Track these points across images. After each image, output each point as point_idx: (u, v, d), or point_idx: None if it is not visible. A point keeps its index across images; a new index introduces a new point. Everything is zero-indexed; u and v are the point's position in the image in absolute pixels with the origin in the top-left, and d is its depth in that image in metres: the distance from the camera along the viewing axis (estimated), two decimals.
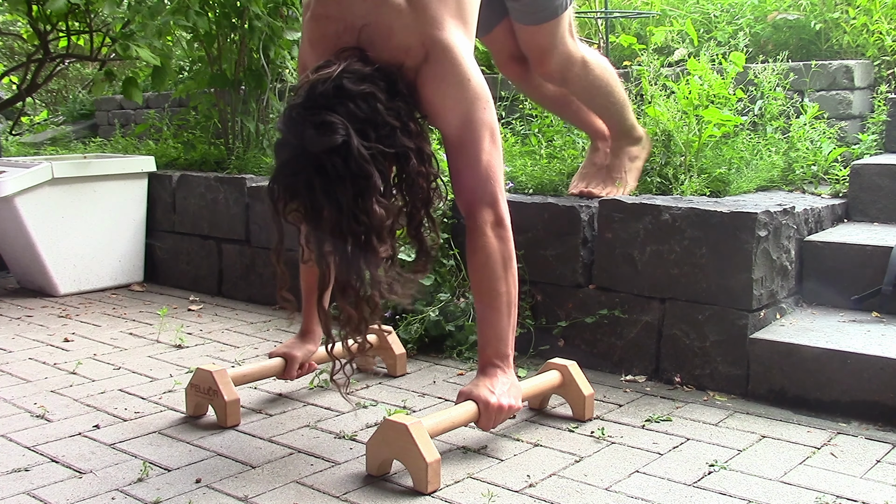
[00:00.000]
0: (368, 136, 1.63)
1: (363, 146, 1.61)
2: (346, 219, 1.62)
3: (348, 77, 1.66)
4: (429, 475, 1.65)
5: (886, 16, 3.30)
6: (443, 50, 1.77)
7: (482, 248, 1.83)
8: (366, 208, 1.62)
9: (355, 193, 1.61)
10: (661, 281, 2.29)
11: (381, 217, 1.64)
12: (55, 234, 3.43)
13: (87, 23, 3.81)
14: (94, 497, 1.66)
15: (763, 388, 2.14)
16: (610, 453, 1.85)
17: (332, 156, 1.59)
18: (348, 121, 1.61)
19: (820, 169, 2.89)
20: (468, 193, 1.84)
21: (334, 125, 1.59)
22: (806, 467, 1.76)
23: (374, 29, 1.78)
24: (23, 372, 2.47)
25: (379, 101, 1.66)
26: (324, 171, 1.60)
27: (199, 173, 3.64)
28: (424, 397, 2.21)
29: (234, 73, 3.69)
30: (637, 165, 2.65)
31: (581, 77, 2.47)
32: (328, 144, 1.59)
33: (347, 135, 1.59)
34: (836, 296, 2.38)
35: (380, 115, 1.65)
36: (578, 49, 2.44)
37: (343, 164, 1.59)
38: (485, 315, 1.87)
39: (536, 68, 2.45)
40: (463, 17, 1.84)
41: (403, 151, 1.70)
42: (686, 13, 3.82)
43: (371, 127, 1.64)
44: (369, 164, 1.61)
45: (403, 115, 1.71)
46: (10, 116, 5.95)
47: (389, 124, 1.67)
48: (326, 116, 1.60)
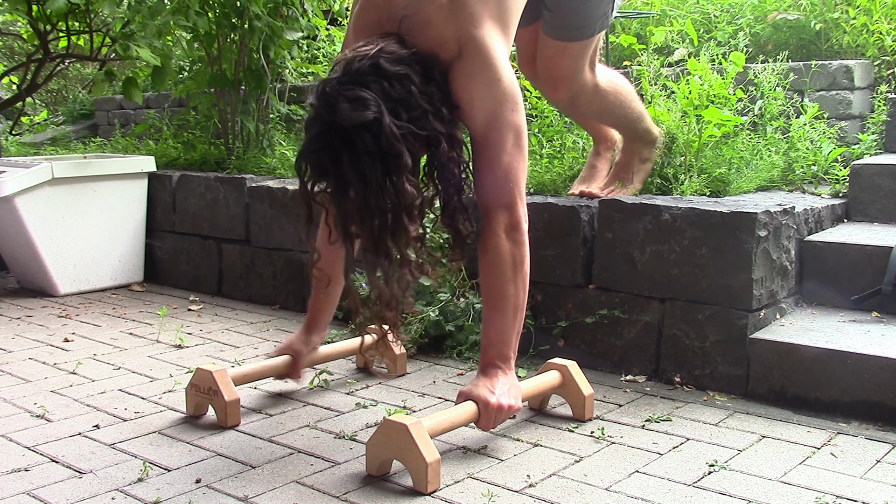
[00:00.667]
0: (400, 116, 1.64)
1: (395, 124, 1.62)
2: (373, 195, 1.62)
3: (385, 57, 1.67)
4: (429, 475, 1.65)
5: (886, 16, 3.30)
6: (476, 47, 1.78)
7: (493, 249, 1.83)
8: (396, 185, 1.63)
9: (384, 170, 1.62)
10: (661, 281, 2.29)
11: (411, 194, 1.65)
12: (55, 234, 3.43)
13: (87, 23, 3.81)
14: (94, 497, 1.66)
15: (763, 388, 2.14)
16: (610, 453, 1.85)
17: (362, 131, 1.60)
18: (382, 99, 1.62)
19: (820, 169, 2.89)
20: (486, 193, 1.84)
21: (367, 101, 1.61)
22: (806, 467, 1.76)
23: (413, 20, 1.79)
24: (23, 372, 2.47)
25: (413, 84, 1.68)
26: (353, 146, 1.61)
27: (199, 173, 3.64)
28: (424, 397, 2.22)
29: (234, 73, 3.69)
30: (646, 168, 2.64)
31: (591, 102, 2.45)
32: (360, 119, 1.60)
33: (380, 112, 1.61)
34: (836, 296, 2.39)
35: (413, 96, 1.67)
36: (594, 76, 2.41)
37: (373, 141, 1.60)
38: (490, 316, 1.87)
39: (548, 91, 2.44)
40: (502, 19, 1.84)
41: (434, 135, 1.71)
42: (686, 13, 3.82)
43: (403, 107, 1.65)
44: (399, 142, 1.62)
45: (436, 100, 1.72)
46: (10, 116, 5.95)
47: (422, 107, 1.68)
48: (360, 92, 1.62)
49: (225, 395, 2.01)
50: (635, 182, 2.62)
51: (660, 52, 3.56)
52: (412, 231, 1.69)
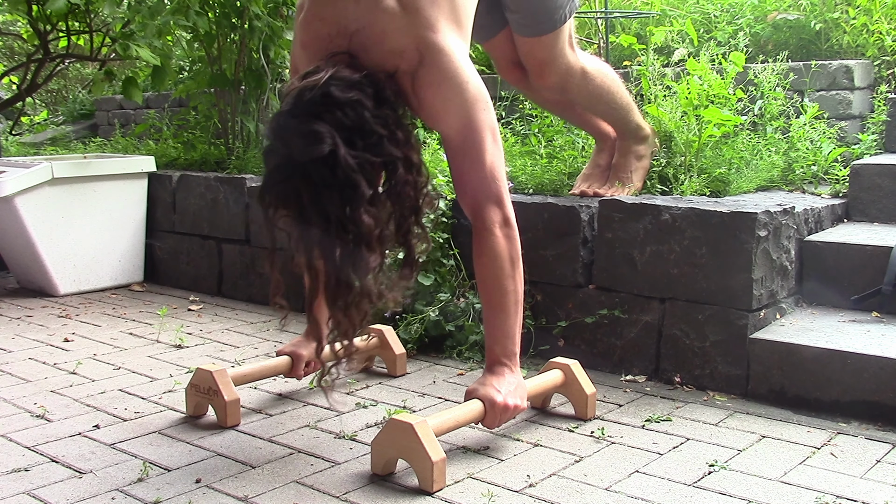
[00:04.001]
0: (355, 145, 1.61)
1: (350, 155, 1.59)
2: (333, 228, 1.61)
3: (336, 84, 1.64)
4: (434, 474, 1.65)
5: (886, 16, 3.30)
6: (438, 53, 1.76)
7: (491, 247, 1.84)
8: (354, 217, 1.61)
9: (343, 202, 1.60)
10: (661, 281, 2.29)
11: (369, 226, 1.63)
12: (55, 234, 3.43)
13: (87, 23, 3.81)
14: (94, 497, 1.66)
15: (763, 388, 2.14)
16: (610, 453, 1.85)
17: (319, 165, 1.58)
18: (335, 129, 1.59)
19: (820, 169, 2.89)
20: (474, 194, 1.84)
21: (321, 134, 1.58)
22: (806, 467, 1.76)
23: (366, 34, 1.77)
24: (23, 372, 2.47)
25: (366, 109, 1.64)
26: (311, 181, 1.59)
27: (199, 173, 3.64)
28: (424, 397, 2.21)
29: (234, 73, 3.69)
30: (644, 164, 2.64)
31: (580, 87, 2.45)
32: (315, 154, 1.57)
33: (334, 144, 1.58)
34: (836, 296, 2.38)
35: (367, 123, 1.64)
36: (578, 60, 2.41)
37: (330, 174, 1.58)
38: (492, 314, 1.88)
39: (535, 80, 2.43)
40: (457, 20, 1.82)
41: (391, 160, 1.68)
42: (686, 13, 3.82)
43: (358, 135, 1.62)
44: (356, 173, 1.60)
45: (391, 124, 1.69)
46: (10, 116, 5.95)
47: (377, 132, 1.65)
48: (313, 125, 1.59)
49: (225, 395, 2.01)
50: (635, 181, 2.62)
51: (660, 52, 3.56)
52: (372, 262, 1.67)
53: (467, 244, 2.63)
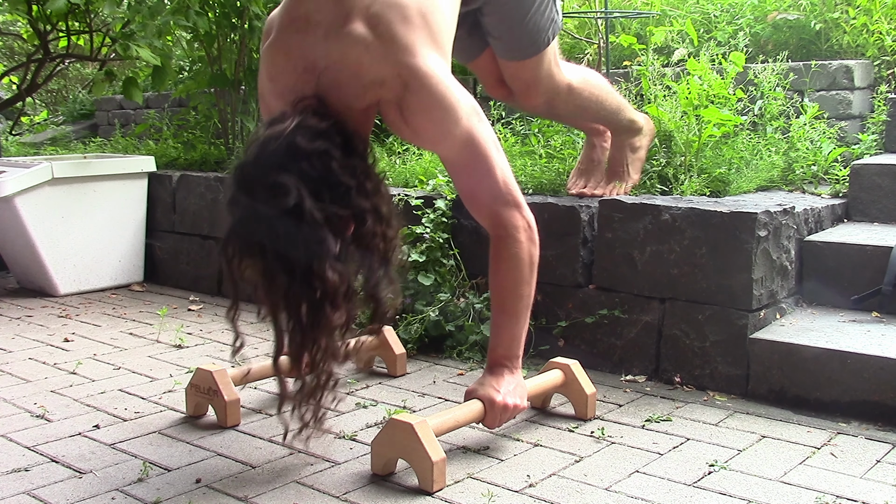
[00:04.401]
0: (322, 197, 1.54)
1: (316, 208, 1.53)
2: (298, 284, 1.55)
3: (302, 133, 1.56)
4: (434, 474, 1.65)
5: (886, 16, 3.30)
6: (422, 76, 1.68)
7: (514, 253, 1.82)
8: (319, 273, 1.54)
9: (308, 258, 1.54)
10: (661, 281, 2.28)
11: (334, 283, 1.56)
12: (55, 234, 3.43)
13: (87, 23, 3.81)
14: (94, 497, 1.66)
15: (763, 388, 2.14)
16: (610, 453, 1.85)
17: (284, 218, 1.52)
18: (301, 181, 1.52)
19: (820, 169, 2.89)
20: (491, 204, 1.81)
21: (286, 186, 1.51)
22: (806, 467, 1.76)
23: (338, 69, 1.68)
24: (23, 372, 2.47)
25: (333, 160, 1.57)
26: (276, 235, 1.53)
27: (199, 173, 3.64)
28: (424, 397, 2.21)
29: (234, 73, 3.69)
30: (639, 156, 2.62)
31: (567, 103, 2.41)
32: (280, 207, 1.51)
33: (300, 197, 1.51)
34: (836, 296, 2.38)
35: (334, 174, 1.57)
36: (564, 77, 2.34)
37: (295, 228, 1.52)
38: (503, 318, 1.87)
39: (522, 100, 2.38)
40: (435, 39, 1.74)
41: (359, 212, 1.62)
42: (686, 13, 3.81)
43: (325, 187, 1.55)
44: (322, 227, 1.54)
45: (359, 174, 1.62)
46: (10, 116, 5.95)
47: (344, 184, 1.58)
48: (278, 177, 1.52)
49: (225, 395, 2.01)
50: (632, 174, 2.60)
51: (660, 52, 3.56)
52: (336, 319, 1.60)
53: (467, 244, 2.64)
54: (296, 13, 1.74)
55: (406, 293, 2.59)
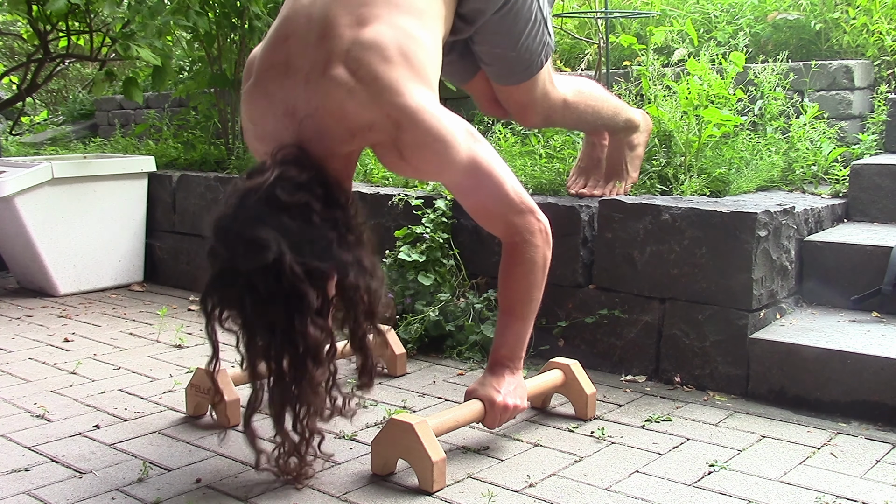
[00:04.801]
0: (303, 252, 1.51)
1: (297, 263, 1.49)
2: (279, 340, 1.53)
3: (282, 186, 1.53)
4: (434, 474, 1.65)
5: (886, 16, 3.30)
6: (413, 114, 1.63)
7: (530, 258, 1.82)
8: (301, 329, 1.52)
9: (289, 313, 1.51)
10: (661, 281, 2.29)
11: (315, 340, 1.54)
12: (55, 234, 3.43)
13: (87, 23, 3.81)
14: (94, 497, 1.66)
15: (763, 388, 2.14)
16: (610, 453, 1.85)
17: (263, 274, 1.49)
18: (281, 235, 1.49)
19: (820, 169, 2.89)
20: (503, 217, 1.80)
21: (266, 241, 1.48)
22: (806, 467, 1.76)
23: (321, 115, 1.63)
24: (23, 372, 2.47)
25: (314, 212, 1.54)
26: (255, 290, 1.50)
27: (199, 173, 3.64)
28: (424, 397, 2.22)
29: (234, 73, 3.69)
30: (637, 154, 2.61)
31: (564, 117, 2.39)
32: (259, 263, 1.48)
33: (280, 251, 1.48)
34: (836, 296, 2.38)
35: (315, 227, 1.54)
36: (559, 93, 2.31)
37: (275, 283, 1.49)
38: (511, 320, 1.88)
39: (519, 120, 2.36)
40: (419, 74, 1.67)
41: (341, 265, 1.58)
42: (686, 13, 3.81)
43: (305, 241, 1.52)
44: (303, 282, 1.50)
45: (341, 226, 1.58)
46: (10, 116, 5.95)
47: (325, 237, 1.55)
48: (257, 232, 1.49)
49: (225, 395, 2.01)
50: (631, 172, 2.60)
51: (660, 52, 3.56)
52: (318, 375, 1.58)
53: (467, 244, 2.64)
54: (276, 58, 1.70)
55: (406, 293, 2.59)
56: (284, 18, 1.74)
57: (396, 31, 1.66)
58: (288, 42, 1.70)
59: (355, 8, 1.67)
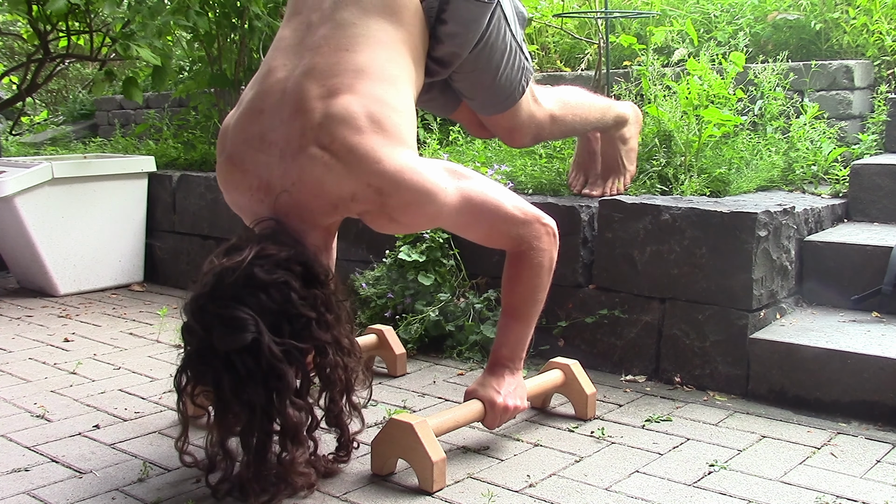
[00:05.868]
0: (281, 331, 1.51)
1: (275, 343, 1.49)
2: (258, 420, 1.53)
3: (260, 264, 1.52)
4: (434, 474, 1.65)
5: (886, 16, 3.30)
6: (392, 177, 1.61)
7: (537, 263, 1.82)
8: (280, 409, 1.52)
9: (268, 393, 1.51)
10: (661, 281, 2.29)
11: (295, 420, 1.54)
12: (55, 234, 3.43)
13: (87, 23, 3.81)
14: (94, 497, 1.66)
15: (763, 388, 2.14)
16: (610, 453, 1.85)
17: (242, 355, 1.48)
18: (259, 314, 1.49)
19: (820, 169, 2.89)
20: (514, 235, 1.80)
21: (244, 321, 1.48)
22: (806, 467, 1.76)
23: (299, 192, 1.63)
24: (23, 372, 2.47)
25: (293, 291, 1.53)
26: (234, 370, 1.49)
27: (199, 173, 3.64)
28: (424, 397, 2.21)
29: (234, 73, 3.69)
30: (631, 146, 2.60)
31: (552, 132, 2.38)
32: (237, 343, 1.47)
33: (258, 331, 1.48)
34: (836, 296, 2.38)
35: (294, 306, 1.53)
36: (545, 111, 2.28)
37: (254, 364, 1.49)
38: (514, 322, 1.88)
39: (507, 143, 2.34)
40: (393, 137, 1.65)
41: (320, 345, 1.58)
42: (686, 13, 3.81)
43: (284, 320, 1.52)
44: (282, 362, 1.50)
45: (320, 305, 1.58)
46: (10, 116, 5.95)
47: (305, 316, 1.54)
48: (235, 311, 1.48)
49: None
50: (628, 166, 2.59)
51: (660, 52, 3.56)
52: (297, 455, 1.58)
53: (467, 244, 2.64)
54: (250, 131, 1.70)
55: (406, 293, 2.59)
56: (258, 93, 1.74)
57: (365, 99, 1.65)
58: (262, 116, 1.70)
59: (326, 80, 1.66)
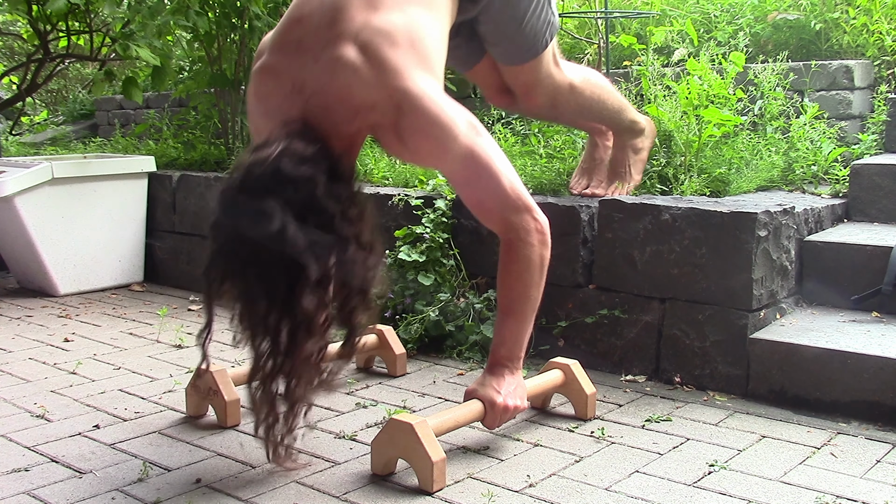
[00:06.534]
0: (306, 223, 1.54)
1: (300, 235, 1.53)
2: (278, 309, 1.56)
3: (288, 159, 1.56)
4: (434, 474, 1.65)
5: (886, 16, 3.30)
6: (415, 99, 1.67)
7: (526, 256, 1.82)
8: (299, 299, 1.55)
9: (289, 282, 1.54)
10: (661, 281, 2.29)
11: (312, 310, 1.57)
12: (55, 234, 3.43)
13: (87, 23, 3.81)
14: (94, 497, 1.66)
15: (763, 388, 2.14)
16: (610, 453, 1.85)
17: (267, 244, 1.52)
18: (285, 207, 1.52)
19: (820, 169, 2.89)
20: (502, 213, 1.81)
21: (270, 213, 1.51)
22: (806, 467, 1.76)
23: (327, 93, 1.68)
24: (23, 372, 2.47)
25: (318, 186, 1.57)
26: (259, 260, 1.53)
27: (199, 173, 3.64)
28: (424, 397, 2.22)
29: (234, 73, 3.69)
30: (641, 157, 2.62)
31: (569, 102, 2.41)
32: (263, 232, 1.51)
33: (284, 222, 1.51)
34: (836, 296, 2.38)
35: (319, 200, 1.57)
36: (565, 76, 2.35)
37: (278, 252, 1.52)
38: (509, 320, 1.88)
39: (524, 102, 2.38)
40: (424, 60, 1.72)
41: (343, 239, 1.60)
42: (686, 13, 3.82)
43: (309, 213, 1.55)
44: (305, 253, 1.53)
45: (344, 200, 1.61)
46: (10, 116, 5.95)
47: (328, 210, 1.58)
48: (263, 203, 1.52)
49: (225, 395, 2.01)
50: (633, 175, 2.61)
51: (660, 52, 3.56)
52: (312, 346, 1.60)
53: (467, 244, 2.64)
54: (288, 37, 1.76)
55: (406, 293, 2.59)
56: (297, 3, 1.80)
57: (406, 19, 1.72)
58: (300, 24, 1.75)
59: None
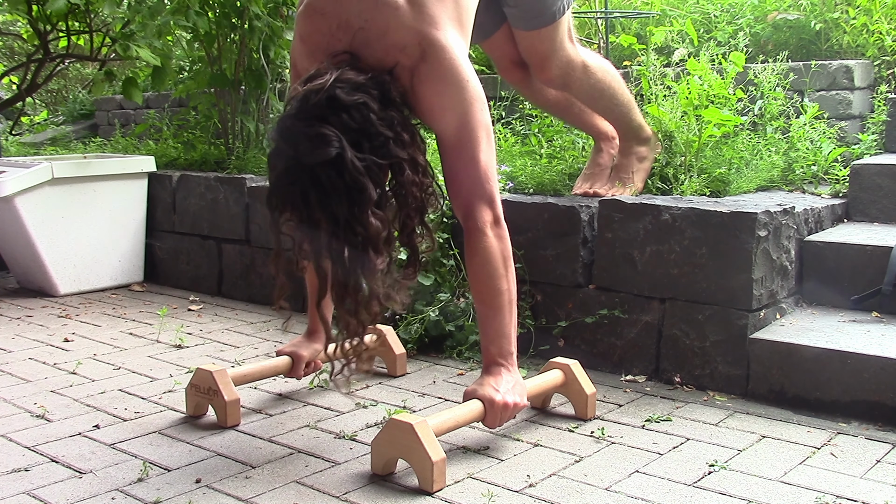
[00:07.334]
0: (362, 148, 1.62)
1: (357, 158, 1.60)
2: (342, 230, 1.62)
3: (341, 87, 1.64)
4: (434, 474, 1.65)
5: (886, 16, 3.30)
6: (440, 49, 1.77)
7: (483, 248, 1.84)
8: (361, 220, 1.62)
9: (350, 205, 1.61)
10: (661, 281, 2.29)
11: (376, 229, 1.64)
12: (55, 234, 3.43)
13: (87, 23, 3.81)
14: (94, 497, 1.66)
15: (763, 388, 2.14)
16: (610, 453, 1.85)
17: (326, 168, 1.59)
18: (342, 132, 1.60)
19: (820, 169, 2.89)
20: (467, 193, 1.85)
21: (328, 137, 1.59)
22: (806, 467, 1.76)
23: (370, 28, 1.77)
24: (23, 372, 2.47)
25: (372, 112, 1.65)
26: (319, 184, 1.60)
27: (199, 173, 3.64)
28: (424, 397, 2.22)
29: (234, 73, 3.69)
30: (645, 166, 2.65)
31: (582, 81, 2.47)
32: (323, 157, 1.58)
33: (341, 147, 1.59)
34: (836, 296, 2.38)
35: (373, 125, 1.65)
36: (579, 53, 2.44)
37: (337, 177, 1.59)
38: (487, 314, 1.88)
39: (538, 74, 2.46)
40: (460, 19, 1.84)
41: (397, 162, 1.69)
42: (686, 13, 3.82)
43: (365, 138, 1.63)
44: (364, 175, 1.61)
45: (397, 125, 1.70)
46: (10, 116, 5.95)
47: (383, 135, 1.66)
48: (320, 128, 1.60)
49: (225, 395, 2.01)
50: (636, 181, 2.63)
51: (660, 52, 3.56)
52: (379, 264, 1.67)
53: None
54: None
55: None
56: None
57: None
58: None
59: None
